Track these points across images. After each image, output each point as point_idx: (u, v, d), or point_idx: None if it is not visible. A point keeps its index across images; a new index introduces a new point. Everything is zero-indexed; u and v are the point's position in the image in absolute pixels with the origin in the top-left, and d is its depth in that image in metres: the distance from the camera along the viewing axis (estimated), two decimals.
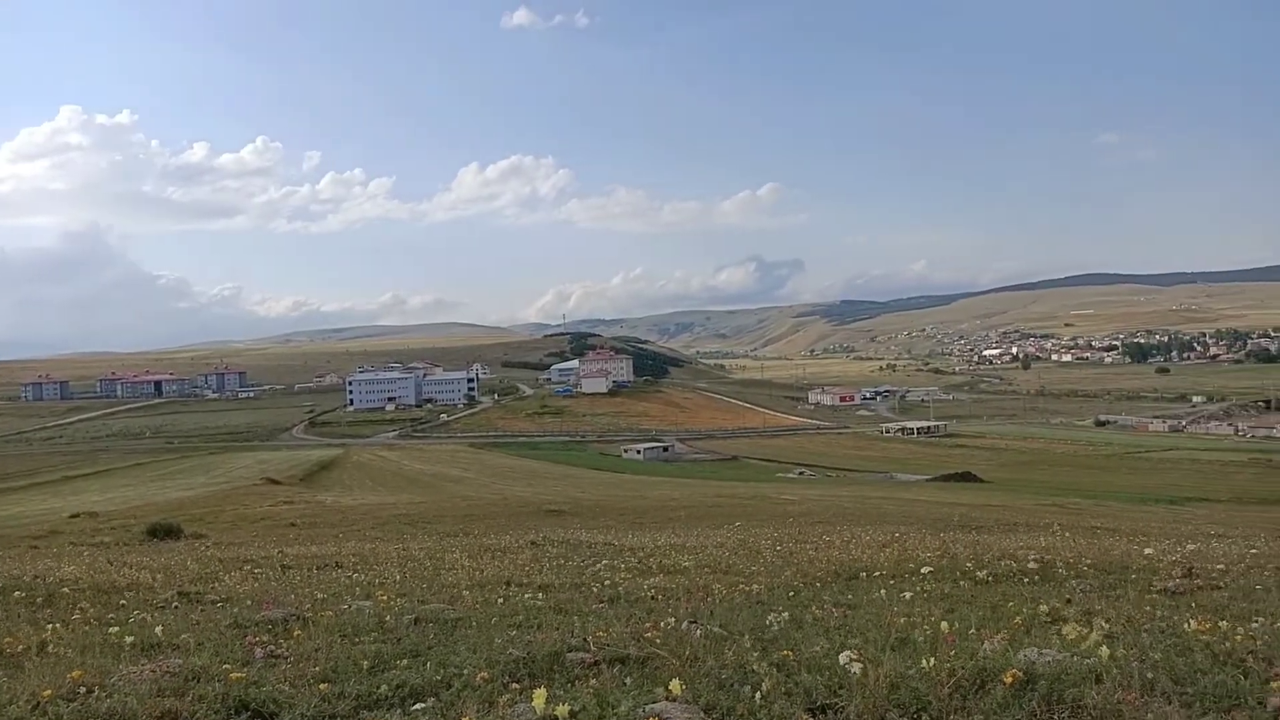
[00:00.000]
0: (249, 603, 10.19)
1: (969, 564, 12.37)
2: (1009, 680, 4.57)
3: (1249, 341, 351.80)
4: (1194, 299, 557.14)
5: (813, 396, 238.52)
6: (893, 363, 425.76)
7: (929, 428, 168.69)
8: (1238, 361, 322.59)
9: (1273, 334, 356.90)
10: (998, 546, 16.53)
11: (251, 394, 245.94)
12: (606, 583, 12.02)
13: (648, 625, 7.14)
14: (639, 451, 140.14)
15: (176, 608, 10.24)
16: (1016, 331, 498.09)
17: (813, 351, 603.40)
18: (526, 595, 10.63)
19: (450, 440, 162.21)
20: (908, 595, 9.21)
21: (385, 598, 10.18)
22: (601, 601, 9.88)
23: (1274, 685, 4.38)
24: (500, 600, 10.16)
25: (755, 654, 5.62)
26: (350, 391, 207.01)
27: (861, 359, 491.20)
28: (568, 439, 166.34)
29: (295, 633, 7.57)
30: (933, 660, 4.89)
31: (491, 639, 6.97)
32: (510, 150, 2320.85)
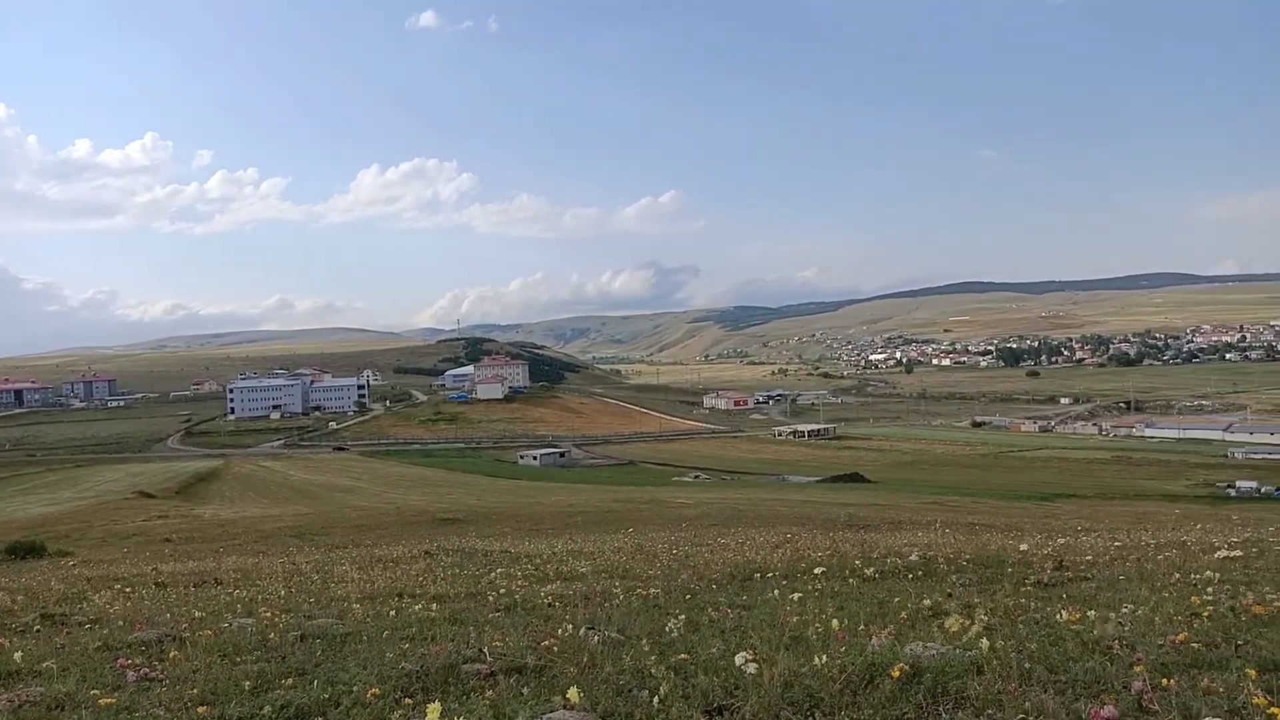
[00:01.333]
0: (120, 623, 9.62)
1: (857, 562, 12.75)
2: (897, 674, 4.72)
3: (1111, 346, 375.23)
4: (1062, 306, 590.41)
5: (707, 401, 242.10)
6: (784, 367, 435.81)
7: (819, 430, 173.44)
8: (1101, 365, 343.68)
9: (1132, 339, 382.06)
10: (884, 544, 17.12)
11: (122, 403, 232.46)
12: (503, 591, 11.88)
13: (545, 633, 7.08)
14: (535, 457, 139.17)
15: (39, 631, 9.58)
16: (900, 337, 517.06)
17: (707, 356, 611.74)
18: (420, 607, 10.39)
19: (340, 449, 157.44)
20: (799, 595, 9.42)
21: (269, 614, 9.78)
22: (498, 610, 9.75)
23: (1137, 670, 4.66)
24: (392, 613, 9.89)
25: (653, 658, 5.63)
26: (231, 399, 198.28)
27: (754, 363, 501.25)
28: (463, 445, 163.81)
29: (171, 654, 7.18)
30: (825, 657, 5.01)
31: (383, 653, 6.78)
32: (413, 153, 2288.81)
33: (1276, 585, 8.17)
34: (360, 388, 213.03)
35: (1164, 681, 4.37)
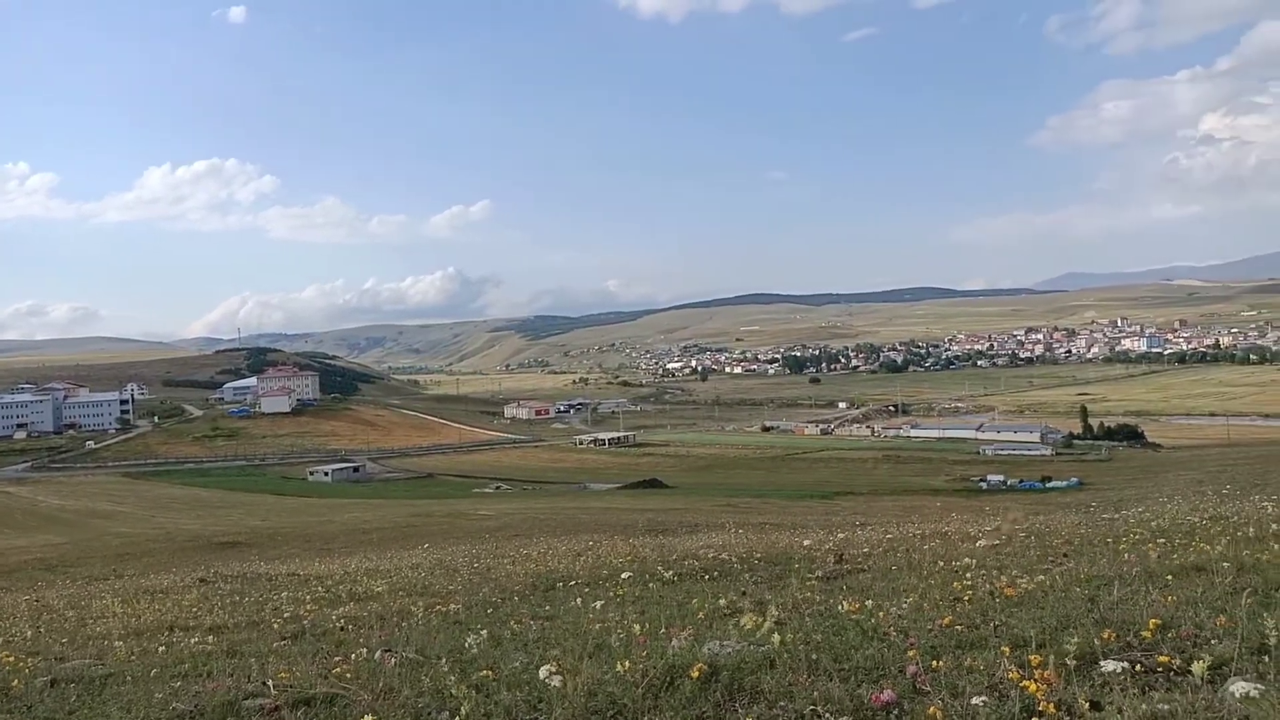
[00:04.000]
0: None
1: (657, 566, 13.06)
2: (696, 674, 4.83)
3: (881, 354, 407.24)
4: (839, 317, 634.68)
5: (509, 411, 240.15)
6: (585, 376, 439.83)
7: (619, 438, 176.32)
8: (873, 372, 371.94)
9: (899, 347, 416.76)
10: (682, 547, 17.65)
11: None
12: (289, 617, 11.20)
13: (337, 659, 6.72)
14: (327, 473, 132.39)
15: None
16: (695, 346, 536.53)
17: (508, 366, 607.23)
18: (194, 640, 9.58)
19: (100, 470, 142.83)
20: (602, 602, 9.49)
21: (12, 658, 8.66)
22: (284, 639, 9.16)
23: (911, 654, 5.04)
24: (161, 648, 9.06)
25: (453, 677, 5.46)
26: None
27: (556, 373, 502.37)
28: (244, 463, 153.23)
29: None
30: (627, 663, 5.05)
31: (150, 694, 6.17)
32: (212, 153, 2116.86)
33: (1023, 569, 9.12)
34: (123, 403, 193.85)
35: (934, 663, 4.74)
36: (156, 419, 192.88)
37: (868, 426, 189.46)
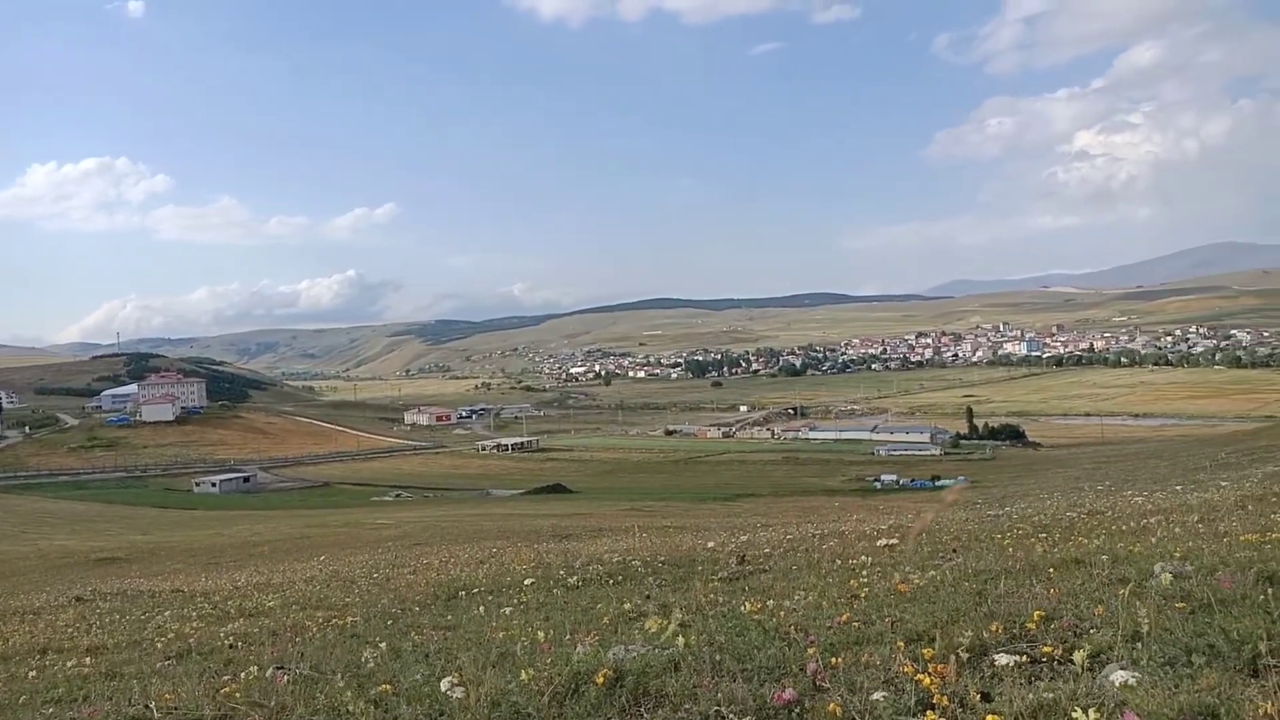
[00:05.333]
0: None
1: (561, 572, 12.99)
2: (601, 680, 4.81)
3: (781, 358, 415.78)
4: (740, 322, 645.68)
5: (409, 417, 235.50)
6: (488, 381, 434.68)
7: (522, 443, 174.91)
8: (773, 375, 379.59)
9: (798, 351, 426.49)
10: (586, 552, 17.61)
11: None
12: (173, 636, 10.68)
13: (226, 679, 6.44)
14: (214, 484, 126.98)
15: None
16: (599, 350, 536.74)
17: (409, 371, 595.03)
18: (69, 663, 9.02)
19: None
20: (507, 610, 9.38)
21: None
22: (168, 658, 8.72)
23: (810, 652, 5.14)
24: (32, 674, 8.50)
25: (350, 693, 5.29)
26: None
27: (458, 378, 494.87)
28: (125, 475, 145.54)
29: None
30: (531, 671, 4.99)
31: None
32: (104, 150, 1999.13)
33: (916, 566, 9.44)
34: None
35: (833, 660, 4.85)
36: (28, 429, 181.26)
37: (768, 429, 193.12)
